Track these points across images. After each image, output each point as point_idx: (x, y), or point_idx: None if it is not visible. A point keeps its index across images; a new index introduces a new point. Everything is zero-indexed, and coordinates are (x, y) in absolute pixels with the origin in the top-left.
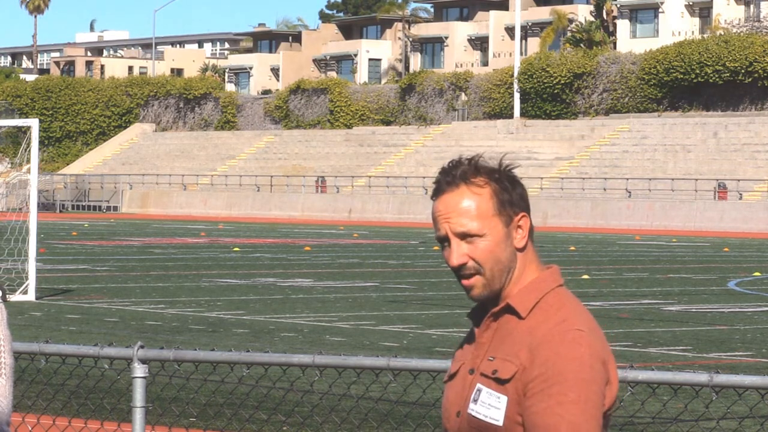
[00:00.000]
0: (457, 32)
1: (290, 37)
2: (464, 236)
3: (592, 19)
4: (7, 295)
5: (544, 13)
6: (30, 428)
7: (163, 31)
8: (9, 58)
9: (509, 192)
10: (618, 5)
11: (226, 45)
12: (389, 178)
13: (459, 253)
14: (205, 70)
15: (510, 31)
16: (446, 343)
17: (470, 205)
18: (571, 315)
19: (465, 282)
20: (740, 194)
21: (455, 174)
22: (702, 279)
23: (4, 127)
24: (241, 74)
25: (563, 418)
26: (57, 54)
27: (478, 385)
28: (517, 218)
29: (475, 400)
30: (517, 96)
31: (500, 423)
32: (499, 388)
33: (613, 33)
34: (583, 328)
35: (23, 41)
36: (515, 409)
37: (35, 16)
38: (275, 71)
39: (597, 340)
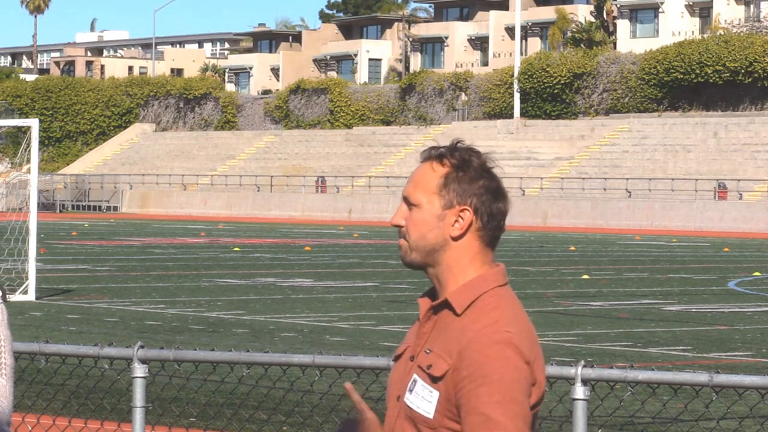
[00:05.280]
0: (457, 32)
1: (290, 37)
2: (406, 201)
3: (592, 19)
4: (7, 295)
5: (544, 13)
6: (30, 428)
7: (163, 31)
8: (9, 58)
9: (460, 181)
10: (618, 5)
11: (226, 45)
12: (389, 178)
13: (399, 213)
14: (205, 70)
15: (510, 31)
16: None
17: (422, 176)
18: (503, 316)
19: (399, 241)
20: (740, 194)
21: (435, 151)
22: (702, 279)
23: (4, 127)
24: (241, 74)
25: (489, 418)
26: (57, 54)
27: (414, 376)
28: (459, 207)
29: (411, 390)
30: (517, 96)
31: (431, 416)
32: (432, 384)
33: (613, 33)
34: (512, 330)
35: (23, 41)
36: (445, 405)
37: (35, 16)
38: (275, 71)
39: (525, 342)
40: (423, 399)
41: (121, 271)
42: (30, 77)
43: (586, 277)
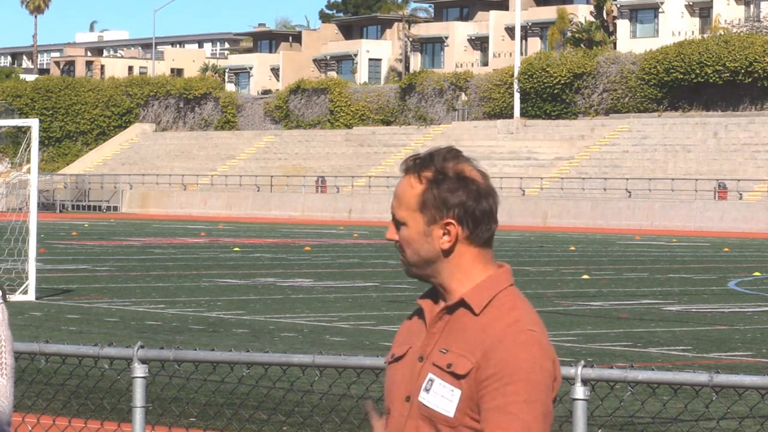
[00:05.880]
0: (457, 32)
1: (290, 37)
2: (394, 219)
3: (592, 19)
4: (7, 295)
5: (544, 13)
6: (30, 428)
7: (163, 31)
8: (9, 58)
9: (438, 195)
10: (618, 5)
11: (226, 45)
12: (389, 178)
13: (391, 229)
14: (205, 70)
15: (510, 31)
16: None
17: (403, 193)
18: (522, 315)
19: (400, 258)
20: (740, 194)
21: (413, 162)
22: (702, 279)
23: (4, 127)
24: (241, 74)
25: (517, 417)
26: (57, 54)
27: (430, 375)
28: (442, 221)
29: (427, 390)
30: (517, 96)
31: (452, 414)
32: (453, 382)
33: (613, 33)
34: (535, 328)
35: (23, 41)
36: (467, 404)
37: (35, 16)
38: (275, 71)
39: (546, 340)
40: (443, 398)
41: (121, 271)
42: (30, 77)
43: (586, 277)
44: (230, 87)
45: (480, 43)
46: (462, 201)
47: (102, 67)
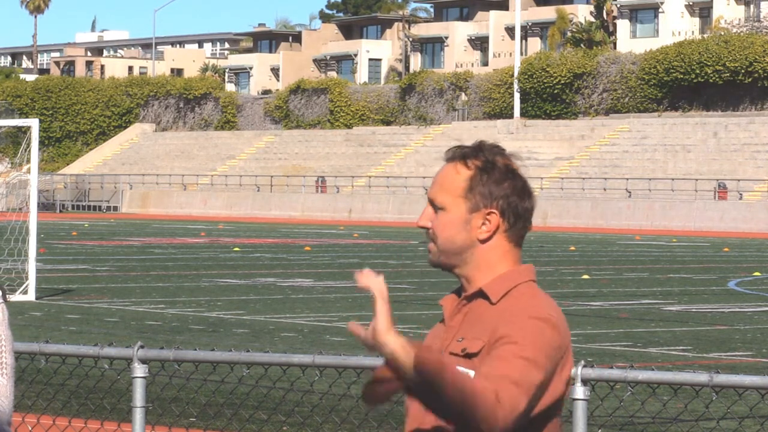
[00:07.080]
0: (457, 32)
1: (290, 37)
2: (432, 203)
3: (592, 19)
4: (7, 295)
5: (544, 13)
6: (30, 428)
7: (163, 31)
8: (9, 58)
9: (486, 184)
10: (618, 5)
11: (226, 45)
12: (389, 178)
13: (425, 215)
14: (205, 70)
15: (510, 31)
16: None
17: (446, 178)
18: (542, 303)
19: (428, 245)
20: (740, 194)
21: (460, 151)
22: (702, 279)
23: (4, 127)
24: (241, 74)
25: (508, 363)
26: (57, 54)
27: None
28: (485, 210)
29: None
30: (517, 96)
31: None
32: (467, 364)
33: (613, 33)
34: (553, 314)
35: (23, 41)
36: None
37: (35, 16)
38: (275, 71)
39: (563, 329)
40: None
41: (121, 271)
42: (30, 77)
43: (586, 277)
44: (230, 87)
45: (480, 43)
46: (507, 194)
47: (102, 67)
